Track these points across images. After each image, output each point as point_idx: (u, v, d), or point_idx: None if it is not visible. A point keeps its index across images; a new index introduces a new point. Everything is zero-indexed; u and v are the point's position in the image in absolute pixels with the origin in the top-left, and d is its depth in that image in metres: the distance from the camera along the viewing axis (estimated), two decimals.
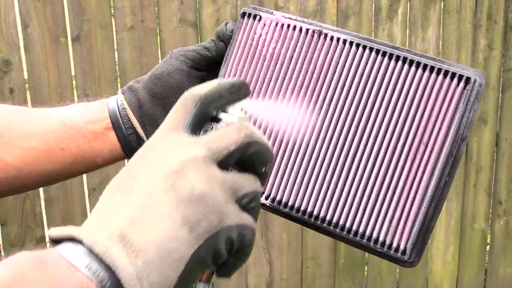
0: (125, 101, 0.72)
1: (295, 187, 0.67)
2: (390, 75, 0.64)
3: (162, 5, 1.97)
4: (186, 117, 0.46)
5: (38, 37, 1.88)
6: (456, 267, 2.38)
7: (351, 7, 2.08)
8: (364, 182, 0.64)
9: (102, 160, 0.73)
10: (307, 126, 0.67)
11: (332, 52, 0.67)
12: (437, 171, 0.61)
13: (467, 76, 0.61)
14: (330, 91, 0.66)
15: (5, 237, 2.00)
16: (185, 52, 0.73)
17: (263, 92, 0.69)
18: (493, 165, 2.30)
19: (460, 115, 0.61)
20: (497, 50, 2.19)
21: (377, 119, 0.64)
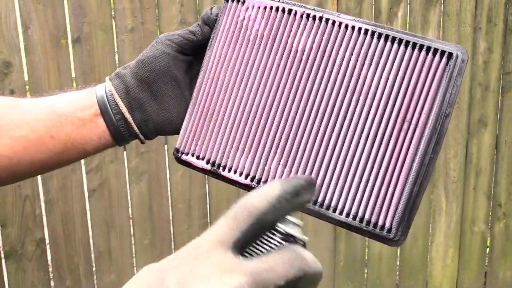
0: (112, 87, 0.72)
1: (280, 165, 0.66)
2: (372, 53, 0.64)
3: (162, 8, 1.98)
4: (234, 234, 0.42)
5: (39, 39, 1.89)
6: (456, 269, 2.38)
7: (351, 10, 2.08)
8: (349, 160, 0.63)
9: (92, 148, 0.73)
10: (290, 105, 0.66)
11: (315, 31, 0.66)
12: (421, 147, 0.61)
13: (449, 52, 0.61)
14: (313, 69, 0.66)
15: (5, 239, 2.00)
16: (171, 36, 0.73)
17: (247, 74, 0.69)
18: (493, 168, 2.30)
19: (443, 91, 0.61)
20: (496, 53, 2.19)
21: (360, 97, 0.64)
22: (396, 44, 0.63)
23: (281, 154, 0.66)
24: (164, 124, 0.74)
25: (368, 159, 0.63)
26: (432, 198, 2.30)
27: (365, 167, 0.63)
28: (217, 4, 1.98)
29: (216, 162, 0.70)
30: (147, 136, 0.74)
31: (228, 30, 0.71)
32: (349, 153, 0.63)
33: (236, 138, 0.68)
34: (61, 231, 2.05)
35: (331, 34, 0.66)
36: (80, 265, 2.09)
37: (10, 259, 2.01)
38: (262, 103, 0.68)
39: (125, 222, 2.11)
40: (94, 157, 2.00)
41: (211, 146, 0.70)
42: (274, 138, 0.66)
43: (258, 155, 0.67)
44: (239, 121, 0.69)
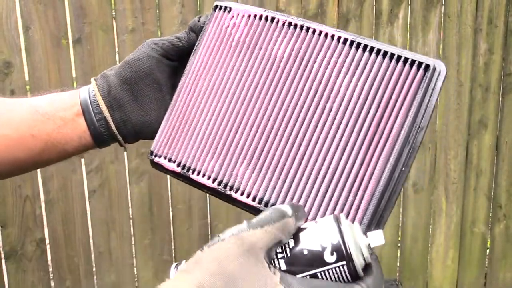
0: (96, 87, 0.73)
1: (248, 171, 0.65)
2: (349, 62, 0.63)
3: (163, 8, 1.98)
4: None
5: (40, 40, 1.89)
6: (456, 271, 2.38)
7: (352, 11, 2.08)
8: (317, 169, 0.62)
9: (72, 148, 0.73)
10: (264, 111, 0.66)
11: (295, 38, 0.66)
12: (391, 160, 0.59)
13: (427, 64, 0.60)
14: (290, 76, 0.65)
15: (5, 239, 2.00)
16: (157, 41, 0.74)
17: (225, 80, 0.69)
18: (493, 169, 2.30)
19: (418, 103, 0.59)
20: (497, 54, 2.19)
21: (333, 105, 0.63)
22: (373, 54, 0.62)
23: (250, 160, 0.65)
24: (142, 126, 0.74)
25: (337, 169, 0.61)
26: (432, 199, 2.30)
27: (332, 177, 0.61)
28: None
29: (186, 165, 0.69)
30: (125, 138, 0.75)
31: (213, 37, 0.72)
32: (318, 161, 0.62)
33: (208, 142, 0.68)
34: (61, 231, 2.05)
35: (310, 42, 0.66)
36: (80, 265, 2.09)
37: (10, 259, 2.01)
38: (237, 108, 0.68)
39: (125, 222, 2.11)
40: (94, 157, 2.00)
41: (183, 149, 0.70)
42: (244, 144, 0.66)
43: (228, 159, 0.67)
44: (212, 125, 0.69)
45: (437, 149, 2.25)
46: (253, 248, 0.46)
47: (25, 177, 1.95)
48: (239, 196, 0.65)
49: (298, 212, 0.50)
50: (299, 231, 0.49)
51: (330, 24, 2.07)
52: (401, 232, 2.32)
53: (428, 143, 2.23)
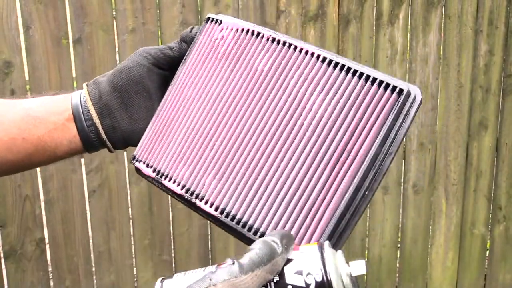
0: (87, 92, 0.74)
1: (214, 182, 0.66)
2: (325, 80, 0.63)
3: (163, 8, 1.98)
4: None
5: (40, 39, 1.89)
6: (456, 272, 2.38)
7: (352, 12, 2.08)
8: (280, 184, 0.62)
9: (62, 152, 0.74)
10: (237, 124, 0.67)
11: (276, 53, 0.67)
12: (355, 182, 0.58)
13: (400, 88, 0.59)
14: (267, 91, 0.66)
15: (5, 238, 2.00)
16: (149, 49, 0.75)
17: (207, 90, 0.71)
18: (493, 171, 2.30)
19: (388, 127, 0.59)
20: (498, 56, 2.19)
21: (304, 122, 0.63)
22: (349, 74, 0.62)
23: (218, 170, 0.66)
24: (131, 133, 0.75)
25: (300, 186, 0.61)
26: (432, 200, 2.30)
27: (295, 193, 0.61)
28: (218, 6, 1.98)
29: (160, 171, 0.71)
30: (115, 145, 0.75)
31: (202, 49, 0.73)
32: (283, 177, 0.62)
33: (182, 150, 0.70)
34: (61, 231, 2.05)
35: (290, 58, 0.66)
36: (79, 265, 2.09)
37: (10, 259, 2.01)
38: (212, 120, 0.69)
39: (125, 222, 2.11)
40: (94, 157, 2.00)
41: (161, 156, 0.72)
42: (214, 154, 0.67)
43: (197, 168, 0.68)
44: (188, 135, 0.70)
45: (437, 150, 2.25)
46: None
47: (25, 176, 1.95)
48: (203, 205, 0.66)
49: (288, 243, 0.50)
50: (284, 263, 0.50)
51: (330, 26, 2.07)
52: (401, 233, 2.32)
53: (428, 144, 2.23)
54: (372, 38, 2.12)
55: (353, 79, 0.62)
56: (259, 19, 2.03)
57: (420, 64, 2.16)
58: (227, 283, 0.47)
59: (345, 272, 0.50)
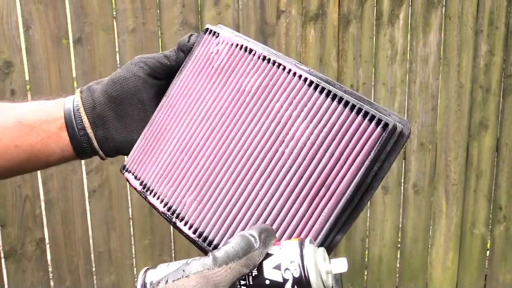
0: (80, 101, 0.73)
1: (195, 202, 0.65)
2: (310, 106, 0.61)
3: (164, 8, 1.98)
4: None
5: (40, 39, 1.89)
6: (456, 272, 2.38)
7: (353, 12, 2.08)
8: (258, 214, 0.61)
9: (54, 159, 0.74)
10: (221, 145, 0.66)
11: (265, 73, 0.66)
12: (331, 219, 0.57)
13: (386, 122, 0.56)
14: (252, 112, 0.65)
15: (5, 238, 2.00)
16: (145, 59, 0.74)
17: (197, 105, 0.70)
18: (494, 171, 2.30)
19: (370, 162, 0.56)
20: (498, 56, 2.19)
21: (285, 150, 0.61)
22: (335, 102, 0.60)
23: (199, 192, 0.65)
24: (124, 144, 0.75)
25: (277, 218, 0.60)
26: (432, 200, 2.30)
27: (273, 222, 0.60)
28: (218, 6, 1.98)
29: (147, 185, 0.71)
30: (107, 154, 0.75)
31: (197, 61, 0.72)
32: (260, 207, 0.61)
33: (168, 167, 0.69)
34: (61, 231, 2.05)
35: (278, 79, 0.65)
36: (80, 265, 2.09)
37: (10, 259, 2.01)
38: (198, 138, 0.68)
39: (125, 222, 2.10)
40: (94, 158, 1.99)
41: (148, 169, 0.71)
42: (197, 175, 0.66)
43: (180, 188, 0.67)
44: (176, 151, 0.69)
45: (437, 150, 2.25)
46: (216, 286, 0.47)
47: (25, 177, 1.95)
48: (182, 226, 0.65)
49: (267, 237, 0.50)
50: (264, 257, 0.49)
51: (330, 26, 2.07)
52: (401, 233, 2.32)
53: (428, 144, 2.23)
54: (372, 38, 2.12)
55: (338, 107, 0.59)
56: (259, 19, 2.03)
57: (420, 64, 2.16)
58: (200, 274, 0.47)
59: (325, 269, 0.49)
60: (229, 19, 2.01)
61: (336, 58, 2.11)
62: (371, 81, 2.15)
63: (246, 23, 2.03)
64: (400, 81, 2.16)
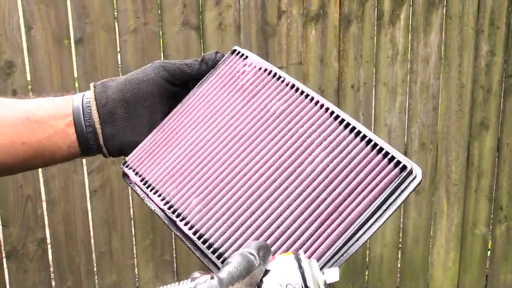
0: (93, 94, 0.73)
1: (199, 206, 0.66)
2: (334, 137, 0.64)
3: (165, 8, 1.98)
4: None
5: (42, 40, 1.89)
6: (457, 272, 2.38)
7: (354, 12, 2.08)
8: (264, 227, 0.62)
9: (60, 156, 0.74)
10: (234, 158, 0.67)
11: (292, 100, 0.68)
12: (339, 242, 0.59)
13: (404, 164, 0.60)
14: (273, 133, 0.67)
15: (7, 238, 2.00)
16: (165, 63, 0.74)
17: (215, 117, 0.71)
18: (495, 171, 2.30)
19: (383, 200, 0.60)
20: (499, 56, 2.19)
21: (304, 172, 0.63)
22: (359, 138, 0.63)
23: (207, 195, 0.66)
24: (129, 144, 0.75)
25: (283, 235, 0.61)
26: (433, 200, 2.30)
27: (276, 241, 0.61)
28: (219, 6, 1.98)
29: (148, 182, 0.71)
30: (110, 152, 0.75)
31: (221, 77, 0.74)
32: (268, 220, 0.62)
33: (175, 168, 0.70)
34: (62, 231, 2.05)
35: (304, 108, 0.67)
36: (81, 265, 2.09)
37: (12, 258, 2.02)
38: (213, 146, 0.69)
39: (126, 222, 2.11)
40: (96, 157, 2.00)
41: (152, 168, 0.72)
42: (206, 181, 0.67)
43: (186, 189, 0.68)
44: (186, 155, 0.70)
45: (438, 150, 2.25)
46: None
47: (27, 177, 1.96)
48: (183, 226, 0.65)
49: (265, 255, 0.50)
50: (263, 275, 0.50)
51: (331, 26, 2.08)
52: (402, 233, 2.32)
53: (429, 144, 2.23)
54: (373, 38, 2.12)
55: (360, 143, 0.63)
56: (260, 19, 2.03)
57: (421, 65, 2.16)
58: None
59: (321, 280, 0.50)
60: (230, 19, 2.01)
61: (337, 58, 2.11)
62: (372, 81, 2.15)
63: (247, 23, 2.03)
64: (401, 81, 2.16)
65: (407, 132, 2.21)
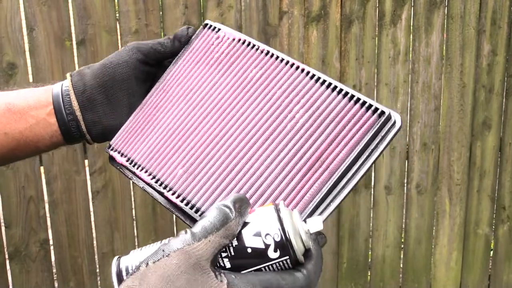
0: (70, 84, 0.74)
1: (184, 176, 0.67)
2: (311, 94, 0.66)
3: (166, 10, 1.99)
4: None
5: (43, 41, 1.90)
6: (460, 272, 2.38)
7: (355, 12, 2.09)
8: (250, 184, 0.63)
9: (44, 146, 0.75)
10: (217, 125, 0.68)
11: (268, 65, 0.70)
12: (323, 190, 0.60)
13: (382, 110, 0.61)
14: (253, 96, 0.68)
15: (9, 239, 2.01)
16: (139, 45, 0.75)
17: (194, 90, 0.73)
18: (497, 170, 2.30)
19: (363, 146, 0.60)
20: (501, 56, 2.19)
21: (284, 129, 0.64)
22: (335, 92, 0.64)
23: (191, 165, 0.68)
24: (112, 128, 0.75)
25: (268, 188, 0.62)
26: (435, 200, 2.30)
27: (262, 194, 0.62)
28: (220, 7, 1.98)
29: (134, 161, 0.72)
30: (94, 138, 0.76)
31: (195, 52, 0.75)
32: (253, 177, 0.63)
33: (159, 144, 0.71)
34: (65, 232, 2.06)
35: (280, 71, 0.69)
36: (83, 266, 2.10)
37: (14, 260, 2.02)
38: (194, 118, 0.70)
39: (128, 223, 2.11)
40: (98, 158, 2.01)
41: (137, 147, 0.73)
42: (190, 151, 0.68)
43: (171, 162, 0.69)
44: (168, 130, 0.72)
45: (440, 150, 2.25)
46: (199, 261, 0.46)
47: (29, 178, 1.96)
48: (170, 195, 0.67)
49: (242, 206, 0.50)
50: (242, 227, 0.50)
51: (333, 26, 2.08)
52: (404, 233, 2.32)
53: (431, 144, 2.23)
54: (375, 38, 2.12)
55: (337, 96, 0.64)
56: (262, 20, 2.04)
57: (423, 65, 2.16)
58: (180, 251, 0.47)
59: (303, 230, 0.50)
60: (231, 20, 2.01)
61: (339, 59, 2.11)
62: (373, 81, 2.15)
63: (248, 24, 2.03)
64: (403, 81, 2.16)
65: (409, 132, 2.21)
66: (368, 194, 2.25)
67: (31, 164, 1.96)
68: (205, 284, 0.46)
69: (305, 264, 0.50)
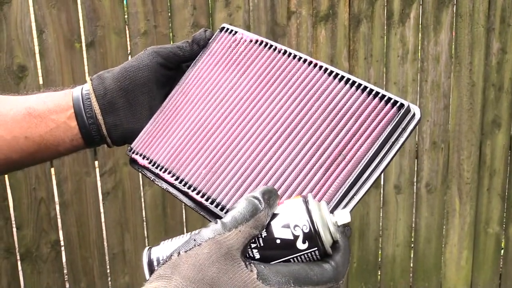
0: (91, 87, 0.75)
1: (208, 175, 0.68)
2: (330, 91, 0.66)
3: (175, 11, 1.99)
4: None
5: (53, 43, 1.91)
6: (470, 271, 2.37)
7: (363, 11, 2.08)
8: (273, 181, 0.64)
9: (64, 149, 0.75)
10: (237, 126, 0.69)
11: (286, 64, 0.71)
12: (346, 184, 0.60)
13: (401, 103, 0.62)
14: (272, 96, 0.69)
15: (20, 240, 2.02)
16: (158, 49, 0.76)
17: (214, 92, 0.73)
18: (507, 169, 2.28)
19: (384, 139, 0.61)
20: (510, 54, 2.18)
21: (306, 125, 0.65)
22: (354, 87, 0.65)
23: (214, 164, 0.68)
24: (133, 131, 0.76)
25: (292, 184, 0.63)
26: (445, 199, 2.29)
27: (286, 190, 0.63)
28: (228, 8, 1.99)
29: (156, 162, 0.73)
30: (114, 142, 0.76)
31: (214, 55, 0.76)
32: (276, 174, 0.64)
33: (181, 146, 0.72)
34: (75, 233, 2.07)
35: (299, 69, 0.70)
36: (94, 266, 2.11)
37: (26, 260, 2.03)
38: (215, 118, 0.71)
39: (139, 224, 2.12)
40: (108, 160, 2.02)
41: (158, 150, 0.74)
42: (212, 150, 0.69)
43: (194, 162, 0.70)
44: (189, 132, 0.72)
45: (450, 149, 2.24)
46: (230, 251, 0.47)
47: (40, 179, 1.97)
48: (195, 195, 0.68)
49: (270, 198, 0.51)
50: (270, 218, 0.50)
51: (341, 26, 2.08)
52: (414, 232, 2.32)
53: (441, 143, 2.22)
54: (383, 37, 2.12)
55: (356, 91, 0.65)
56: (270, 20, 2.04)
57: (432, 63, 2.16)
58: (212, 241, 0.48)
59: (331, 222, 0.51)
60: (240, 20, 2.02)
61: (347, 58, 2.11)
62: (382, 80, 2.15)
63: (257, 24, 2.04)
64: (412, 80, 2.16)
65: (418, 131, 2.21)
66: (377, 193, 2.24)
67: (42, 166, 1.97)
68: (235, 273, 0.47)
69: (333, 255, 0.51)
